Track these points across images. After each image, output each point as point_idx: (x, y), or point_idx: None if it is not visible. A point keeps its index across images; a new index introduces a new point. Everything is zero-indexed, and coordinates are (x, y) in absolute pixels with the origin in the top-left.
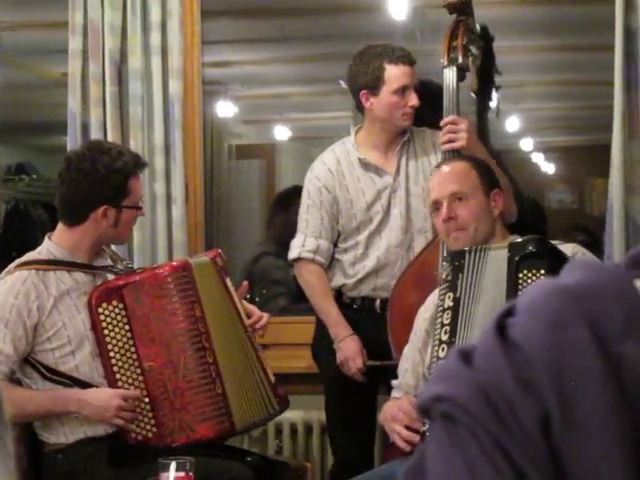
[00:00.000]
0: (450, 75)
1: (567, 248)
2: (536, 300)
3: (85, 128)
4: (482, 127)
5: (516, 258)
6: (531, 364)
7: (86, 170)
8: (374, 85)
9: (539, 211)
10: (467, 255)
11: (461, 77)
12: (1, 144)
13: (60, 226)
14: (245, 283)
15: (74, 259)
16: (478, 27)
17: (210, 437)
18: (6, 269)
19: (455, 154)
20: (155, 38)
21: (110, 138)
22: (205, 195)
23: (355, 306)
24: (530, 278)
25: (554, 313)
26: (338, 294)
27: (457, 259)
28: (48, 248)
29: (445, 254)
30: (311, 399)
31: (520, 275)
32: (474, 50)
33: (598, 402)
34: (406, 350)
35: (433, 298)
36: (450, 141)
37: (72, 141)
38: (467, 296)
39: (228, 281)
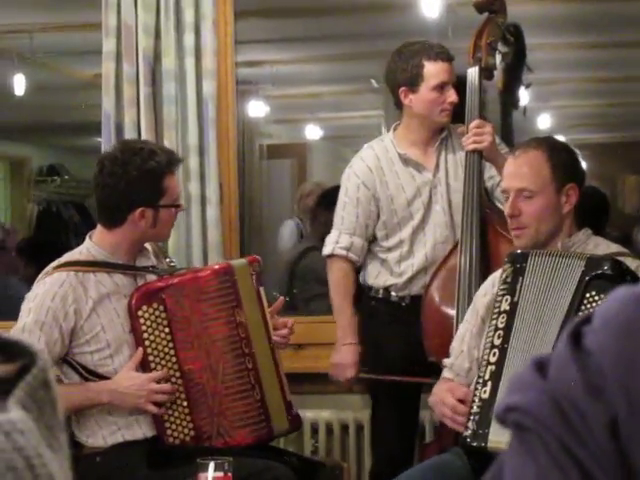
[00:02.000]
0: (473, 74)
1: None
2: (611, 308)
3: (119, 129)
4: (507, 125)
5: (589, 276)
6: (602, 371)
7: (118, 174)
8: (413, 82)
9: (601, 199)
10: (530, 258)
11: (488, 76)
12: (33, 145)
13: (99, 227)
14: (281, 299)
15: (115, 260)
16: (509, 24)
17: (248, 443)
18: (45, 270)
19: (477, 156)
20: (189, 39)
21: (144, 138)
22: (239, 195)
23: (404, 304)
24: (596, 301)
25: (626, 321)
26: (386, 293)
27: (519, 261)
28: (88, 248)
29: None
30: (346, 398)
31: (587, 295)
32: (502, 48)
33: None
34: (462, 330)
35: (493, 280)
36: (475, 142)
37: (106, 142)
38: (525, 302)
39: (261, 290)
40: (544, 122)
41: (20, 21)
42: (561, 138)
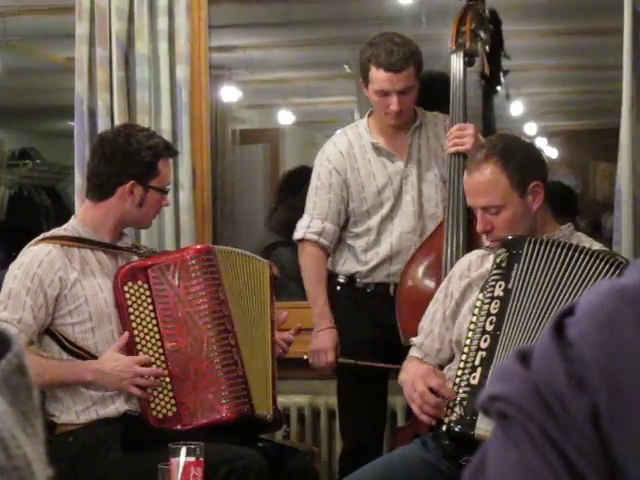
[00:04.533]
0: (457, 60)
1: None
2: (593, 300)
3: (92, 113)
4: (488, 111)
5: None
6: (584, 362)
7: (120, 144)
8: (364, 78)
9: (569, 193)
10: (526, 245)
11: (469, 62)
12: (5, 129)
13: (86, 203)
14: (285, 314)
15: (98, 238)
16: (487, 11)
17: (231, 418)
18: (29, 243)
19: (461, 157)
20: (162, 23)
21: (117, 123)
22: (211, 180)
23: (369, 290)
24: None
25: (608, 313)
26: (350, 280)
27: (515, 247)
28: (73, 225)
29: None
30: (318, 384)
31: None
32: (483, 35)
33: None
34: (432, 309)
35: (469, 262)
36: (456, 145)
37: (79, 126)
38: (522, 289)
39: (273, 294)
40: (516, 109)
41: None
42: (533, 125)
